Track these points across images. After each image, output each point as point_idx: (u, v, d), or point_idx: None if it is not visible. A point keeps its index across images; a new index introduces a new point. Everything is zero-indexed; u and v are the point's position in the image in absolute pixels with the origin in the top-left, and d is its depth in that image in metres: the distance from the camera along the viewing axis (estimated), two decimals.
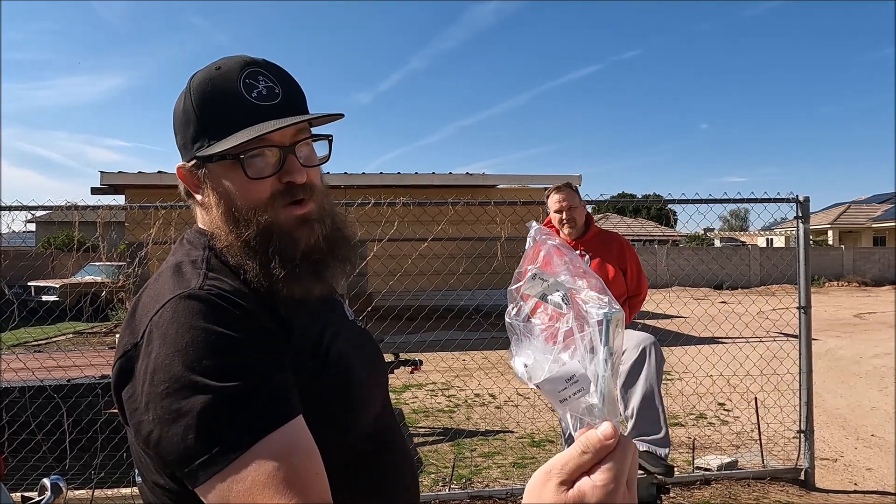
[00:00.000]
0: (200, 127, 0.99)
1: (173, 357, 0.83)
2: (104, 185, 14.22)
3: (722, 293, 23.12)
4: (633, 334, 3.51)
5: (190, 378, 0.82)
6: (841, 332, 14.05)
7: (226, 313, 0.88)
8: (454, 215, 6.19)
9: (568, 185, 3.83)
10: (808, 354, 5.01)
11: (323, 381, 0.96)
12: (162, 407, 0.82)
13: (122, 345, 0.91)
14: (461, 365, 8.85)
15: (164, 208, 4.98)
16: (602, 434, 0.63)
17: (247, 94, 0.97)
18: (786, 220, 7.22)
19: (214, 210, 1.01)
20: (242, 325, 0.88)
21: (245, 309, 0.90)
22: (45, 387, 4.91)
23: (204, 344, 0.84)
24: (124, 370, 0.89)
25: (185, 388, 0.81)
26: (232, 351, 0.85)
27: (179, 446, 0.81)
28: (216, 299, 0.89)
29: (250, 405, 0.82)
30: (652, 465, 3.25)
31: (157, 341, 0.85)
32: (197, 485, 0.81)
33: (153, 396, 0.83)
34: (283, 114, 0.98)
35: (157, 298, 0.91)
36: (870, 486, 4.99)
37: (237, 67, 0.99)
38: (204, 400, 0.81)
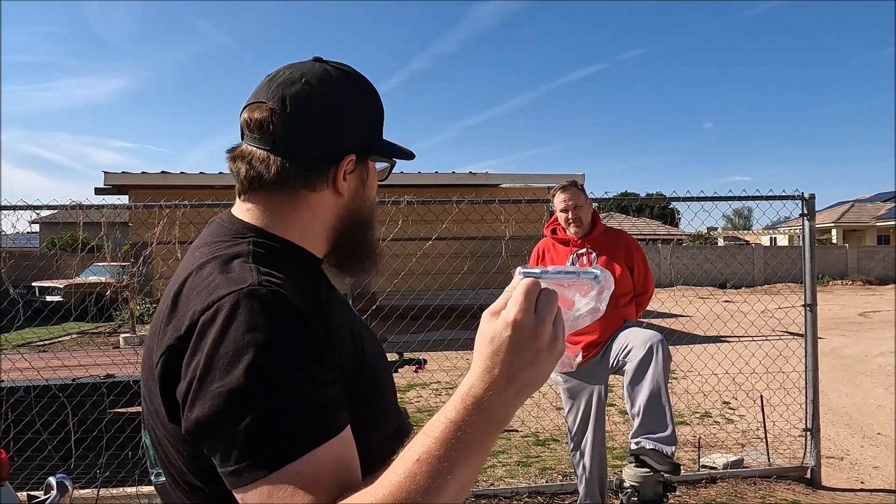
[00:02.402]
0: (376, 123, 1.09)
1: (233, 356, 0.81)
2: (108, 186, 14.24)
3: (727, 292, 23.06)
4: (640, 332, 3.49)
5: (246, 380, 0.80)
6: (846, 330, 14.01)
7: (285, 314, 0.86)
8: (458, 214, 6.18)
9: (573, 183, 3.81)
10: (814, 352, 4.99)
11: (361, 385, 0.95)
12: (216, 405, 0.80)
13: (166, 339, 0.88)
14: (465, 364, 8.84)
15: (168, 208, 4.98)
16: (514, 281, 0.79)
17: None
18: (790, 219, 7.20)
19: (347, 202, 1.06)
20: (300, 328, 0.86)
21: (301, 311, 0.88)
22: (50, 386, 4.91)
23: (265, 345, 0.82)
24: (170, 365, 0.86)
25: (242, 389, 0.80)
26: (291, 356, 0.83)
27: (229, 446, 0.80)
28: (276, 298, 0.87)
29: (304, 415, 0.81)
30: (658, 463, 3.24)
31: (213, 338, 0.83)
32: (240, 486, 0.80)
33: (207, 394, 0.81)
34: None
35: (206, 292, 0.88)
36: (876, 484, 4.98)
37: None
38: (258, 403, 0.80)
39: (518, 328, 0.75)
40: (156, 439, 0.95)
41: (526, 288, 0.77)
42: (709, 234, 42.63)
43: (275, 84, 1.02)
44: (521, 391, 0.77)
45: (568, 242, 3.81)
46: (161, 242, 5.82)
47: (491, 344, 0.76)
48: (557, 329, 0.79)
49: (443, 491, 0.74)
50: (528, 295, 0.76)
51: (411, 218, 6.64)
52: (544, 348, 0.76)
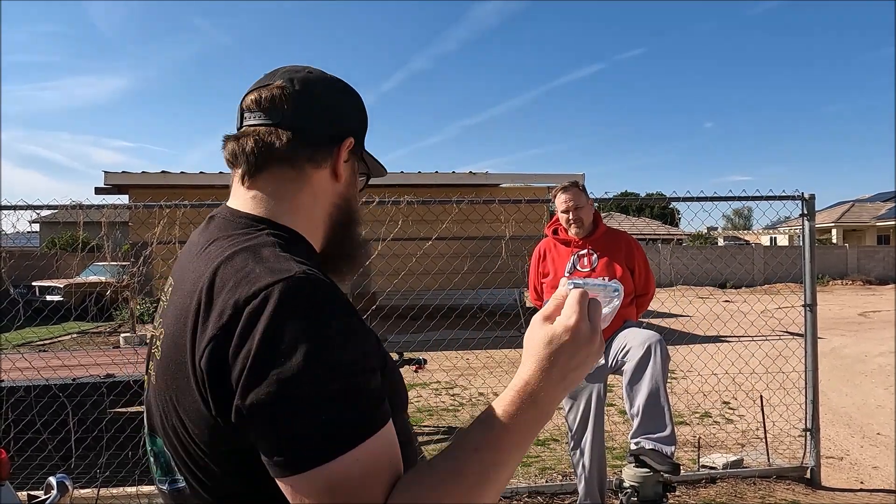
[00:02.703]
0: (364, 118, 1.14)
1: (290, 343, 0.80)
2: (108, 185, 14.25)
3: (726, 292, 23.06)
4: (638, 332, 3.49)
5: (307, 367, 0.79)
6: (846, 330, 14.01)
7: (337, 302, 0.87)
8: (458, 214, 6.19)
9: (574, 184, 3.81)
10: (814, 352, 4.99)
11: (388, 371, 0.95)
12: (275, 391, 0.79)
13: (208, 332, 0.85)
14: (465, 364, 8.85)
15: (168, 208, 4.98)
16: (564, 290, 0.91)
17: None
18: (790, 219, 7.20)
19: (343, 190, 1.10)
20: (351, 317, 0.87)
21: (347, 300, 0.90)
22: (50, 386, 4.91)
23: (323, 334, 0.82)
24: (216, 356, 0.84)
25: (303, 376, 0.79)
26: (347, 344, 0.83)
27: (286, 434, 0.79)
28: (325, 286, 0.87)
29: (361, 403, 0.82)
30: (658, 463, 3.24)
31: (266, 325, 0.81)
32: (295, 473, 0.79)
33: (266, 380, 0.80)
34: None
35: (247, 281, 0.87)
36: (876, 484, 4.98)
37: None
38: (319, 390, 0.80)
39: (577, 334, 0.86)
40: (177, 441, 0.93)
41: (579, 297, 0.88)
42: (709, 234, 42.63)
43: (279, 72, 1.08)
44: (568, 388, 0.88)
45: (569, 243, 3.81)
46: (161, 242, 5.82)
47: (549, 346, 0.86)
48: (601, 335, 0.89)
49: (498, 478, 0.83)
50: (582, 304, 0.88)
51: (411, 218, 6.64)
52: (594, 352, 0.88)
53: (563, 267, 3.79)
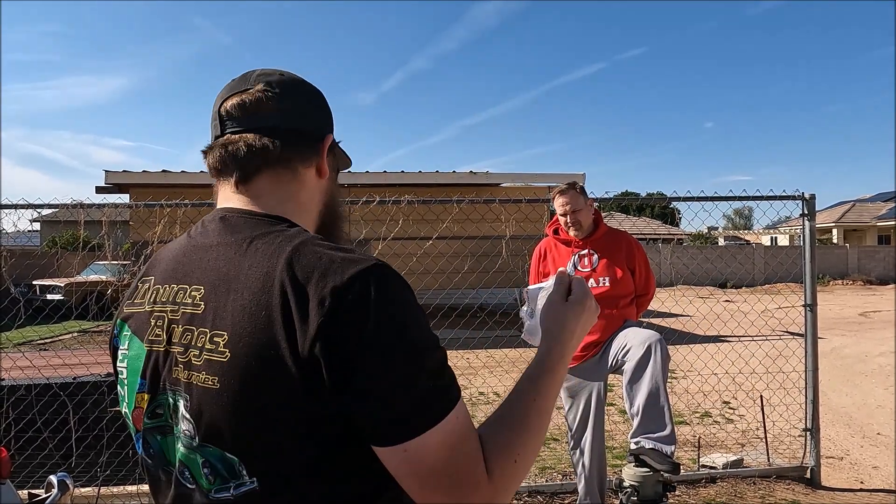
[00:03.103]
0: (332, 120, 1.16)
1: (400, 323, 0.89)
2: (109, 185, 14.26)
3: (727, 292, 23.06)
4: (639, 332, 3.50)
5: (418, 342, 0.90)
6: (846, 330, 14.01)
7: (409, 287, 0.95)
8: (458, 214, 6.19)
9: (572, 185, 3.80)
10: (814, 352, 5.00)
11: None
12: (393, 366, 0.87)
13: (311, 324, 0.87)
14: (466, 363, 8.85)
15: (169, 207, 4.98)
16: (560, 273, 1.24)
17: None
18: (790, 219, 7.20)
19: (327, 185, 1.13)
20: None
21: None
22: (51, 384, 4.92)
23: (418, 315, 0.92)
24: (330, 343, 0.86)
25: (417, 350, 0.90)
26: (427, 323, 0.94)
27: (403, 402, 0.87)
28: (399, 273, 0.96)
29: (449, 370, 0.94)
30: (658, 462, 3.24)
31: (376, 307, 0.88)
32: (410, 436, 0.87)
33: (382, 358, 0.87)
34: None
35: (335, 269, 0.90)
36: (876, 484, 4.98)
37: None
38: (430, 363, 0.91)
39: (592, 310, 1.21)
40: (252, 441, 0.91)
41: (583, 281, 1.22)
42: (709, 233, 42.63)
43: (253, 76, 1.09)
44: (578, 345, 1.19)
45: (570, 243, 3.82)
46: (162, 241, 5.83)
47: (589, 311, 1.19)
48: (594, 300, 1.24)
49: (547, 422, 1.04)
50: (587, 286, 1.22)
51: (412, 217, 6.64)
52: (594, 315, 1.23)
53: (563, 266, 3.79)
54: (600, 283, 3.68)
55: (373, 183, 14.08)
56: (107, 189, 14.62)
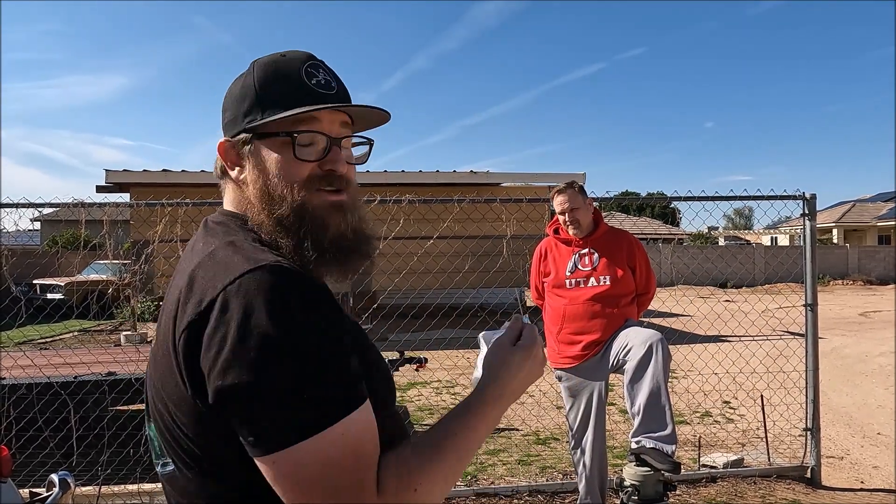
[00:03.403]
0: (257, 101, 1.04)
1: (268, 325, 0.84)
2: (109, 184, 14.26)
3: (727, 291, 23.06)
4: (640, 331, 3.50)
5: (278, 351, 0.84)
6: (846, 330, 14.01)
7: (310, 286, 0.91)
8: (459, 213, 6.19)
9: (571, 185, 3.81)
10: (814, 352, 5.00)
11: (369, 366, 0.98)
12: (253, 372, 0.83)
13: (186, 317, 0.90)
14: (466, 363, 8.85)
15: (170, 206, 4.99)
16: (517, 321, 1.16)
17: (307, 79, 1.04)
18: (790, 219, 7.21)
19: (251, 187, 1.05)
20: (320, 302, 0.90)
21: (318, 284, 0.95)
22: (52, 383, 4.93)
23: (299, 315, 0.86)
24: (193, 339, 0.88)
25: (282, 355, 0.84)
26: (324, 325, 0.88)
27: (269, 412, 0.83)
28: (297, 272, 0.92)
29: (341, 379, 0.87)
30: (659, 461, 3.24)
31: (243, 310, 0.85)
32: (271, 452, 0.83)
33: (243, 361, 0.83)
34: (339, 100, 1.06)
35: (224, 269, 0.91)
36: (876, 484, 4.98)
37: (301, 57, 1.07)
38: (299, 368, 0.84)
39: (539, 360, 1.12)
40: (163, 425, 0.97)
41: (535, 329, 1.14)
42: (709, 233, 42.63)
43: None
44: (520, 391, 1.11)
45: (570, 242, 3.82)
46: (163, 240, 5.83)
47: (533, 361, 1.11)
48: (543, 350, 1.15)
49: (468, 459, 0.99)
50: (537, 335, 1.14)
51: (413, 217, 6.65)
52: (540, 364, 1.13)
53: (564, 266, 3.79)
54: (601, 281, 3.69)
55: (373, 182, 14.09)
56: (107, 188, 14.63)
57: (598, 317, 3.64)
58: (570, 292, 3.73)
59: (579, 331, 3.67)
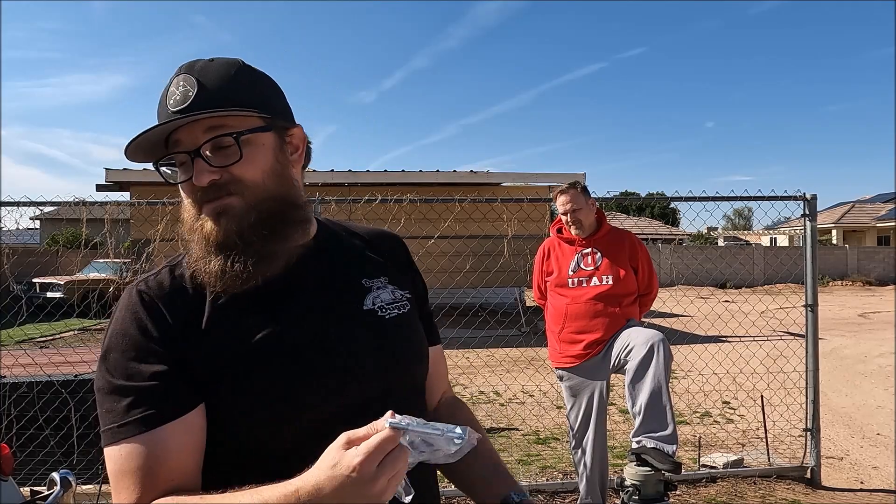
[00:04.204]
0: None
1: (104, 341, 1.04)
2: (109, 182, 14.26)
3: (727, 292, 23.07)
4: (641, 331, 3.50)
5: (102, 363, 1.01)
6: (846, 331, 14.02)
7: (139, 312, 1.03)
8: (460, 213, 6.20)
9: (574, 185, 3.82)
10: (814, 353, 5.00)
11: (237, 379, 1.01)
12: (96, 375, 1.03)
13: None
14: (466, 362, 8.86)
15: (171, 205, 4.99)
16: (380, 424, 0.85)
17: (166, 101, 1.04)
18: (790, 219, 7.21)
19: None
20: (138, 326, 1.01)
21: (151, 310, 1.03)
22: (52, 382, 4.92)
23: (116, 338, 1.01)
24: None
25: (99, 370, 1.02)
26: (129, 350, 1.00)
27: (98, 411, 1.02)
28: (138, 296, 1.04)
29: (131, 404, 0.97)
30: (659, 461, 3.25)
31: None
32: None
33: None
34: (185, 112, 1.02)
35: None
36: (876, 484, 4.99)
37: (176, 72, 1.06)
38: (103, 385, 1.00)
39: (358, 473, 0.82)
40: None
41: (381, 440, 0.83)
42: (709, 233, 42.65)
43: None
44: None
45: (573, 242, 3.83)
46: (164, 240, 5.83)
47: (333, 469, 0.83)
48: (391, 484, 0.84)
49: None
50: (381, 447, 0.83)
51: (413, 216, 6.65)
52: (371, 496, 0.83)
53: (566, 265, 3.80)
54: (603, 281, 3.69)
55: (374, 182, 14.09)
56: (107, 187, 14.62)
57: (600, 316, 3.65)
58: (573, 291, 3.74)
59: (581, 330, 3.68)
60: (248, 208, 1.04)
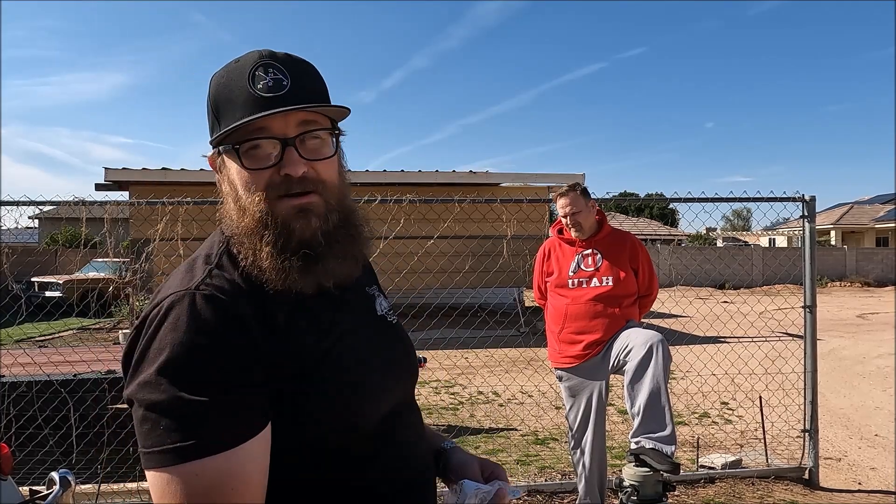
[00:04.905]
0: (214, 115, 1.04)
1: (157, 351, 0.89)
2: (108, 182, 14.25)
3: (726, 293, 23.09)
4: (641, 332, 3.51)
5: (158, 376, 0.88)
6: (844, 332, 14.03)
7: (208, 321, 0.91)
8: (459, 213, 6.21)
9: (574, 187, 3.82)
10: (813, 354, 5.01)
11: (318, 381, 0.97)
12: (136, 391, 0.89)
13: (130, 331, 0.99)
14: (465, 362, 8.86)
15: (171, 205, 4.99)
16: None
17: (252, 84, 0.99)
18: (789, 220, 7.22)
19: (227, 199, 1.05)
20: (221, 334, 0.91)
21: (230, 315, 0.93)
22: (51, 381, 4.93)
23: (178, 350, 0.89)
24: (128, 347, 0.96)
25: (154, 384, 0.88)
26: (200, 363, 0.89)
27: (139, 431, 0.89)
28: (204, 302, 0.93)
29: (200, 421, 0.87)
30: (658, 462, 3.26)
31: (150, 333, 0.92)
32: (145, 468, 0.89)
33: (135, 379, 0.90)
34: (286, 105, 0.98)
35: (163, 289, 0.99)
36: (873, 485, 5.00)
37: (252, 60, 1.02)
38: (160, 400, 0.87)
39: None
40: None
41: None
42: (708, 234, 42.68)
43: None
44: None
45: (574, 243, 3.84)
46: (163, 239, 5.83)
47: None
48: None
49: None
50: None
51: (413, 216, 6.65)
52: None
53: (567, 266, 3.81)
54: (603, 282, 3.70)
55: (373, 182, 14.08)
56: (106, 186, 14.61)
57: (600, 317, 3.66)
58: (573, 292, 3.75)
59: (581, 330, 3.69)
60: (330, 209, 1.03)
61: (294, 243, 0.99)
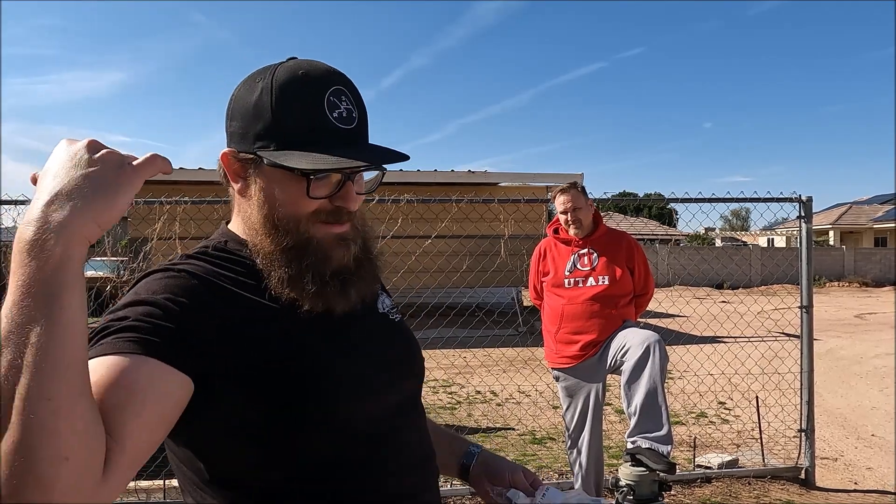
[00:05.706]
0: (274, 130, 0.99)
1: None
2: None
3: (723, 292, 23.12)
4: (638, 332, 3.52)
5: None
6: (842, 332, 14.06)
7: (159, 278, 0.97)
8: (457, 213, 6.21)
9: (573, 185, 3.84)
10: (809, 354, 5.03)
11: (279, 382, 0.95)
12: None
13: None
14: (463, 362, 8.87)
15: (169, 204, 5.00)
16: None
17: (329, 112, 0.98)
18: (787, 220, 7.23)
19: (255, 210, 1.03)
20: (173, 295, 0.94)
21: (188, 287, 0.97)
22: None
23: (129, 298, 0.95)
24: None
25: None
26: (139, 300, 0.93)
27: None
28: (159, 270, 1.00)
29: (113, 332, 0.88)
30: (654, 462, 3.27)
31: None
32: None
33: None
34: (357, 140, 1.01)
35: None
36: (870, 485, 5.01)
37: (324, 80, 1.00)
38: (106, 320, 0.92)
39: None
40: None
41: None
42: (706, 234, 42.72)
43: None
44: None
45: (570, 242, 3.85)
46: (161, 238, 5.84)
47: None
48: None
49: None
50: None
51: (410, 216, 6.66)
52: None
53: (563, 265, 3.82)
54: (599, 281, 3.71)
55: None
56: None
57: (597, 317, 3.67)
58: (569, 292, 3.76)
59: (577, 330, 3.70)
60: (356, 234, 1.07)
61: (332, 270, 1.02)
